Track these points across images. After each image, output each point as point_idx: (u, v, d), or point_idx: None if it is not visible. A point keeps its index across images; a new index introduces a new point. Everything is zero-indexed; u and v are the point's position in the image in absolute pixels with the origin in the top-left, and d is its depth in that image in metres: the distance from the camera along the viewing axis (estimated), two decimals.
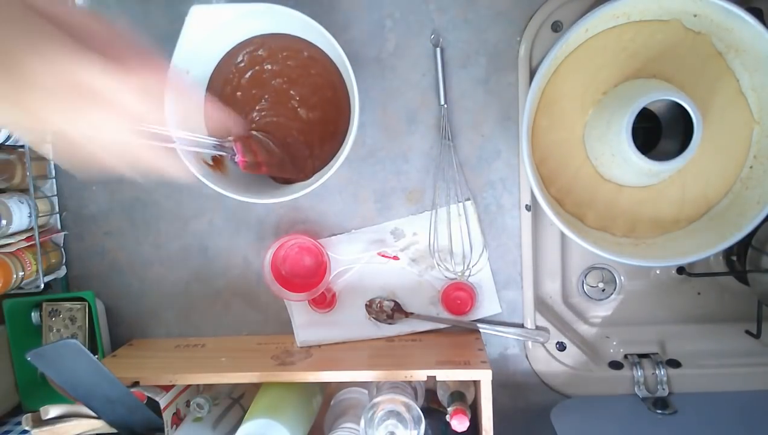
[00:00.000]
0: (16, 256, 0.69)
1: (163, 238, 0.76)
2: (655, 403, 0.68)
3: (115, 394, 0.58)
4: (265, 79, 0.67)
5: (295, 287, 0.71)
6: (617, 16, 0.62)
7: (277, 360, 0.67)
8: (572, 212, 0.68)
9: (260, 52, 0.66)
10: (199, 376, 0.65)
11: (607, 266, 0.75)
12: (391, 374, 0.62)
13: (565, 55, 0.65)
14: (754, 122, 0.64)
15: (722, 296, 0.74)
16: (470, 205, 0.72)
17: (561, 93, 0.66)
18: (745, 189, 0.65)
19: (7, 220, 0.68)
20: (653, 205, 0.67)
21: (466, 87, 0.71)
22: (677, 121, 0.63)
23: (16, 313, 0.75)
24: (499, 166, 0.72)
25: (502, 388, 0.74)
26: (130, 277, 0.77)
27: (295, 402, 0.65)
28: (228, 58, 0.67)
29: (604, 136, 0.62)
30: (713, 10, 0.58)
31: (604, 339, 0.75)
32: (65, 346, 0.55)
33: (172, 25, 0.71)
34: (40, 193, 0.74)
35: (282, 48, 0.66)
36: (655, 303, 0.75)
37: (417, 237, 0.73)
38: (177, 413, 0.64)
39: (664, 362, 0.71)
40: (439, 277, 0.73)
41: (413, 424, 0.57)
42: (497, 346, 0.74)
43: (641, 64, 0.64)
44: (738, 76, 0.63)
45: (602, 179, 0.67)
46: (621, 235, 0.68)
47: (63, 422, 0.57)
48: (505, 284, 0.73)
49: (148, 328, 0.78)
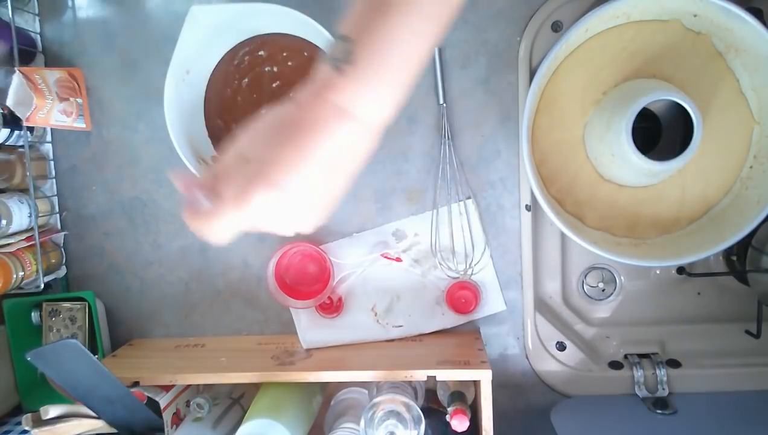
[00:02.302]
0: (16, 256, 0.69)
1: (163, 238, 0.76)
2: (655, 403, 0.68)
3: (115, 394, 0.58)
4: (264, 80, 0.67)
5: (300, 294, 0.71)
6: (617, 16, 0.62)
7: (277, 360, 0.67)
8: (572, 212, 0.68)
9: (260, 53, 0.66)
10: (199, 376, 0.64)
11: (607, 266, 0.75)
12: (391, 374, 0.62)
13: (565, 55, 0.65)
14: (754, 122, 0.64)
15: (722, 296, 0.74)
16: (471, 204, 0.72)
17: (561, 93, 0.66)
18: (745, 189, 0.65)
19: (7, 220, 0.68)
20: (653, 205, 0.67)
21: (466, 87, 0.71)
22: (677, 121, 0.63)
23: (16, 313, 0.75)
24: (499, 166, 0.72)
25: (502, 388, 0.74)
26: (130, 278, 0.77)
27: (295, 402, 0.65)
28: (228, 58, 0.67)
29: (604, 136, 0.62)
30: (713, 10, 0.58)
31: (604, 339, 0.75)
32: (65, 346, 0.55)
33: (172, 25, 0.71)
34: (40, 193, 0.74)
35: (282, 48, 0.66)
36: (655, 303, 0.75)
37: (419, 237, 0.73)
38: (177, 413, 0.64)
39: (664, 362, 0.71)
40: (442, 277, 0.73)
41: (413, 424, 0.57)
42: (497, 346, 0.74)
43: (641, 64, 0.64)
44: (738, 76, 0.63)
45: (602, 179, 0.67)
46: (621, 235, 0.68)
47: (63, 422, 0.57)
48: (505, 284, 0.73)
49: (148, 328, 0.78)
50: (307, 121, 0.37)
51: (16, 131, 0.69)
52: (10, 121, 0.67)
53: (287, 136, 0.37)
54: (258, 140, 0.38)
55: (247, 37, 0.66)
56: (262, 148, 0.38)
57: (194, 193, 0.40)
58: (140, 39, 0.73)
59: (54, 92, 0.68)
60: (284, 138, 0.37)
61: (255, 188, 0.36)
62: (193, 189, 0.40)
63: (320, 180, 0.38)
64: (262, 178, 0.36)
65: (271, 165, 0.37)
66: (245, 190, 0.37)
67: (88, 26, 0.73)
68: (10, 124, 0.68)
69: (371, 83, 0.36)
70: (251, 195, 0.36)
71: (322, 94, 0.37)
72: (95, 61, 0.73)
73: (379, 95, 0.37)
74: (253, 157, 0.37)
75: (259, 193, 0.36)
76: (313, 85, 0.37)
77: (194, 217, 0.40)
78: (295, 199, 0.37)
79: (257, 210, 0.37)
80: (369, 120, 0.38)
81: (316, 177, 0.37)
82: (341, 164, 0.39)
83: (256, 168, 0.37)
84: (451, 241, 0.72)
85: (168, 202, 0.75)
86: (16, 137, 0.69)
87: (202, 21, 0.61)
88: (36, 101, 0.63)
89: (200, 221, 0.40)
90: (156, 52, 0.72)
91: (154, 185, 0.75)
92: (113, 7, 0.73)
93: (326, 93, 0.36)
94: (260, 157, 0.37)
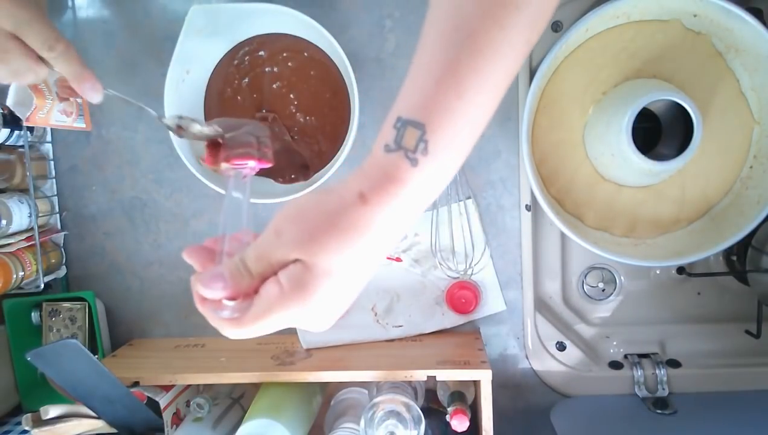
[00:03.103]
0: (16, 256, 0.69)
1: (163, 238, 0.76)
2: (655, 403, 0.68)
3: (115, 394, 0.58)
4: (264, 81, 0.67)
5: None
6: (617, 16, 0.62)
7: (277, 360, 0.67)
8: (572, 212, 0.68)
9: (260, 53, 0.66)
10: (199, 376, 0.64)
11: (607, 266, 0.75)
12: (391, 374, 0.62)
13: (565, 55, 0.65)
14: (754, 122, 0.64)
15: (722, 296, 0.74)
16: (471, 204, 0.72)
17: (561, 93, 0.66)
18: (745, 189, 0.65)
19: (7, 220, 0.68)
20: (653, 205, 0.67)
21: None
22: (677, 121, 0.63)
23: (16, 313, 0.75)
24: (499, 166, 0.72)
25: (502, 388, 0.74)
26: (130, 278, 0.77)
27: (295, 402, 0.65)
28: (228, 58, 0.67)
29: (604, 136, 0.62)
30: (713, 10, 0.59)
31: (604, 339, 0.75)
32: (65, 346, 0.55)
33: (172, 25, 0.70)
34: (40, 193, 0.74)
35: (282, 48, 0.66)
36: (655, 303, 0.75)
37: (419, 237, 0.73)
38: (177, 413, 0.64)
39: (664, 362, 0.71)
40: (442, 277, 0.73)
41: (413, 424, 0.57)
42: (497, 346, 0.74)
43: (641, 64, 0.64)
44: (738, 76, 0.63)
45: (602, 179, 0.67)
46: (621, 235, 0.68)
47: (63, 422, 0.57)
48: (505, 284, 0.73)
49: (148, 328, 0.78)
50: (378, 223, 0.32)
51: (16, 131, 0.69)
52: (10, 121, 0.67)
53: (352, 238, 0.32)
54: (312, 237, 0.33)
55: (247, 37, 0.66)
56: (319, 249, 0.32)
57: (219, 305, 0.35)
58: (140, 39, 0.73)
59: (54, 92, 0.67)
60: (348, 240, 0.32)
61: (310, 297, 0.33)
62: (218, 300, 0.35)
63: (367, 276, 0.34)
64: (318, 285, 0.32)
65: (329, 273, 0.32)
66: (297, 297, 0.33)
67: (88, 26, 0.73)
68: (10, 124, 0.68)
69: (444, 169, 0.32)
70: (306, 303, 0.33)
71: (395, 191, 0.32)
72: (95, 61, 0.73)
73: (446, 178, 0.33)
74: (306, 257, 0.33)
75: (315, 301, 0.33)
76: (383, 179, 0.32)
77: (216, 320, 0.36)
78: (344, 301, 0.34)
79: (305, 317, 0.34)
80: (426, 205, 0.34)
81: (366, 277, 0.34)
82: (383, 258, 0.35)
83: (311, 272, 0.32)
84: (451, 241, 0.72)
85: (168, 202, 0.75)
86: (16, 137, 0.69)
87: (202, 21, 0.61)
88: (36, 101, 0.63)
89: (227, 325, 0.36)
90: (156, 52, 0.72)
91: (154, 185, 0.75)
92: (113, 7, 0.73)
93: (400, 189, 0.32)
94: (317, 262, 0.32)
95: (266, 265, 0.34)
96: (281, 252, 0.33)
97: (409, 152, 0.31)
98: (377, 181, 0.32)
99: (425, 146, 0.31)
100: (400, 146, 0.32)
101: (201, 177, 0.64)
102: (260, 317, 0.34)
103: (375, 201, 0.32)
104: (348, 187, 0.33)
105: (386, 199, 0.32)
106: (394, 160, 0.32)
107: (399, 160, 0.32)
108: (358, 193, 0.32)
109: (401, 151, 0.32)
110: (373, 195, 0.32)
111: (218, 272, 0.35)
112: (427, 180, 0.32)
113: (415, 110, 0.32)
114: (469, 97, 0.31)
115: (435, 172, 0.32)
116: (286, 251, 0.33)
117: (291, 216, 0.34)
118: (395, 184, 0.32)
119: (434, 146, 0.31)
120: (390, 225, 0.33)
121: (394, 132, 0.32)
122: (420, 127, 0.31)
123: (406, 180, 0.32)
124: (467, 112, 0.32)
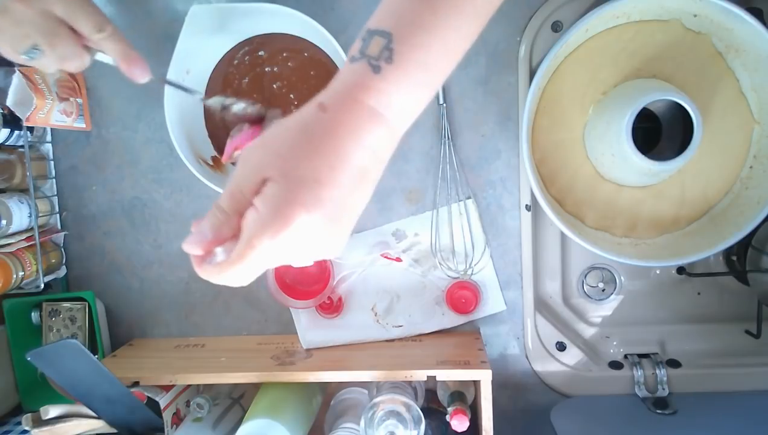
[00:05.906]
0: (16, 256, 0.69)
1: (163, 238, 0.76)
2: (655, 403, 0.68)
3: (115, 394, 0.58)
4: (265, 81, 0.67)
5: (299, 294, 0.71)
6: (617, 16, 0.62)
7: (277, 360, 0.67)
8: (572, 212, 0.68)
9: (260, 53, 0.66)
10: (199, 376, 0.64)
11: (607, 266, 0.75)
12: (391, 374, 0.62)
13: (565, 55, 0.65)
14: (754, 122, 0.64)
15: (722, 296, 0.74)
16: (471, 204, 0.72)
17: (561, 93, 0.66)
18: (745, 189, 0.65)
19: (7, 220, 0.68)
20: (653, 205, 0.67)
21: (466, 87, 0.71)
22: (677, 121, 0.63)
23: (16, 313, 0.75)
24: (499, 166, 0.72)
25: (502, 388, 0.74)
26: (130, 278, 0.77)
27: (295, 402, 0.65)
28: (228, 57, 0.67)
29: (604, 136, 0.62)
30: (713, 10, 0.59)
31: (604, 339, 0.75)
32: (65, 346, 0.55)
33: (172, 25, 0.71)
34: (40, 193, 0.74)
35: (282, 48, 0.66)
36: (655, 303, 0.75)
37: (419, 237, 0.73)
38: (177, 413, 0.64)
39: (664, 362, 0.71)
40: (442, 277, 0.73)
41: (413, 424, 0.57)
42: (497, 346, 0.74)
43: (641, 64, 0.64)
44: (738, 76, 0.63)
45: (602, 179, 0.67)
46: (621, 235, 0.68)
47: (63, 422, 0.57)
48: (505, 284, 0.73)
49: (148, 328, 0.78)
50: (339, 128, 0.32)
51: (16, 131, 0.69)
52: (10, 121, 0.67)
53: (315, 146, 0.31)
54: (277, 153, 0.32)
55: (247, 37, 0.66)
56: (285, 163, 0.31)
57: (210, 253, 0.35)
58: (140, 39, 0.72)
59: (54, 92, 0.67)
60: (312, 148, 0.31)
61: (290, 213, 0.31)
62: (209, 249, 0.34)
63: (352, 194, 0.33)
64: (294, 199, 0.31)
65: (302, 181, 0.31)
66: (276, 217, 0.31)
67: None
68: (10, 124, 0.68)
69: (411, 84, 0.32)
70: (287, 221, 0.31)
71: (355, 96, 0.32)
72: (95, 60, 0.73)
73: (416, 96, 0.33)
74: (275, 173, 0.32)
75: (296, 217, 0.31)
76: (343, 86, 0.32)
77: (208, 271, 0.35)
78: (330, 218, 0.32)
79: (294, 239, 0.32)
80: (400, 124, 0.33)
81: (348, 191, 0.33)
82: (370, 175, 0.34)
83: (284, 187, 0.31)
84: (451, 241, 0.72)
85: (168, 202, 0.75)
86: (16, 137, 0.69)
87: (202, 21, 0.61)
88: (36, 101, 0.63)
89: (217, 271, 0.34)
90: (156, 52, 0.72)
91: (154, 185, 0.75)
92: (113, 7, 0.73)
93: (360, 94, 0.32)
94: (286, 173, 0.31)
95: (240, 199, 0.33)
96: (251, 178, 0.32)
97: (372, 59, 0.31)
98: (338, 91, 0.32)
99: (390, 54, 0.31)
100: (364, 54, 0.32)
101: (201, 177, 0.64)
102: (247, 250, 0.32)
103: (335, 108, 0.32)
104: (310, 103, 0.33)
105: (348, 104, 0.32)
106: (356, 68, 0.32)
107: (361, 68, 0.32)
108: (317, 103, 0.32)
109: (364, 59, 0.32)
110: (332, 102, 0.32)
111: (199, 228, 0.35)
112: (393, 91, 0.32)
113: (384, 20, 0.32)
114: (444, 14, 0.31)
115: (402, 86, 0.32)
116: (254, 175, 0.32)
117: (255, 144, 0.33)
118: (355, 89, 0.32)
119: (400, 57, 0.31)
120: (358, 135, 0.32)
121: (360, 43, 0.32)
122: (386, 36, 0.31)
123: (367, 86, 0.31)
124: (441, 32, 0.32)
